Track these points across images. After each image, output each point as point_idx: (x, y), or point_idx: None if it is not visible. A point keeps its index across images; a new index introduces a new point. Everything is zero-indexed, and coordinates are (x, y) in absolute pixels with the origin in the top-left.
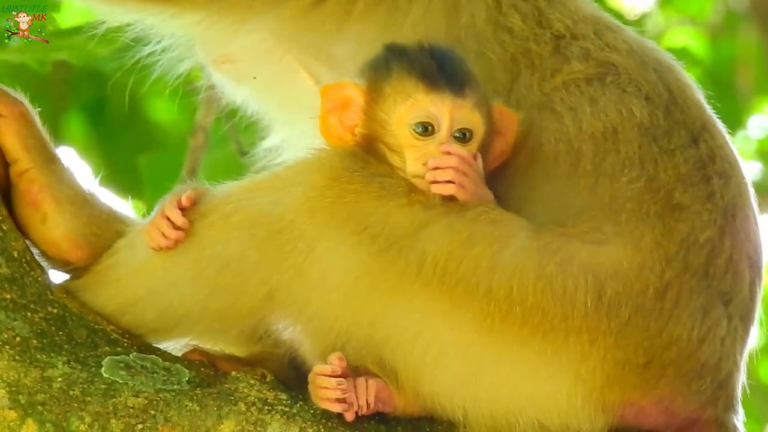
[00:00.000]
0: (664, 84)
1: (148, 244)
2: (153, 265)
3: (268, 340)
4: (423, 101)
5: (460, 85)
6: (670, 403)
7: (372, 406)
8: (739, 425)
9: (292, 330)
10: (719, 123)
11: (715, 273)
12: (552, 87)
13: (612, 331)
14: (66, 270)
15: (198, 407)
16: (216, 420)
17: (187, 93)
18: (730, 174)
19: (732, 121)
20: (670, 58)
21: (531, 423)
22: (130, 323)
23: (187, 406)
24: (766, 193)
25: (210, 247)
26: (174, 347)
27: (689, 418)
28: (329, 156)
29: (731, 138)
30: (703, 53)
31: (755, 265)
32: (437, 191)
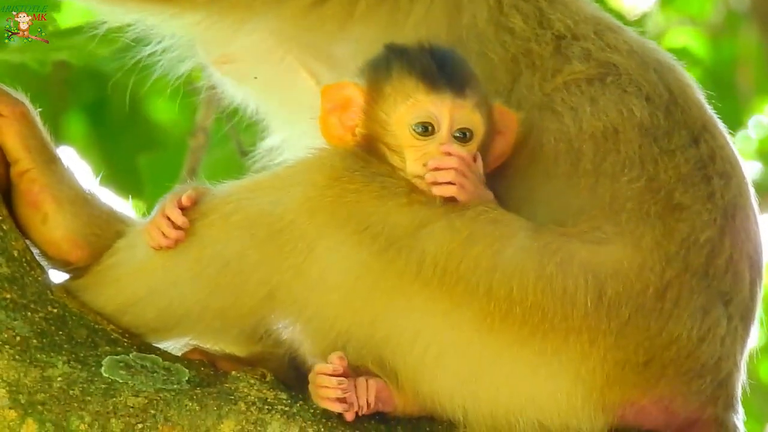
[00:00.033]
0: (664, 84)
1: (148, 243)
2: (153, 265)
3: (268, 339)
4: (423, 101)
5: (460, 85)
6: (670, 403)
7: (372, 406)
8: (740, 425)
9: (292, 330)
10: (720, 123)
11: (715, 273)
12: (553, 87)
13: (612, 331)
14: (66, 270)
15: (198, 407)
16: (216, 419)
17: (188, 93)
18: (730, 174)
19: (732, 121)
20: (670, 58)
21: (531, 423)
22: (130, 323)
23: (187, 405)
24: (766, 193)
25: (210, 247)
26: (174, 347)
27: (689, 417)
28: (330, 156)
29: (732, 138)
30: (704, 53)
31: (755, 265)
32: (438, 193)
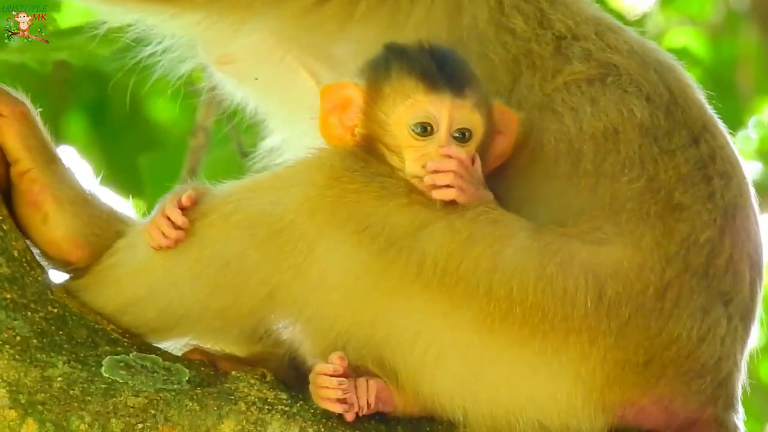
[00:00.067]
0: (665, 84)
1: (148, 243)
2: (153, 265)
3: (268, 339)
4: (422, 101)
5: (459, 85)
6: (670, 403)
7: (372, 406)
8: (740, 424)
9: (292, 330)
10: (720, 123)
11: (715, 273)
12: (553, 87)
13: (612, 331)
14: (66, 270)
15: (198, 407)
16: (216, 419)
17: (189, 93)
18: (731, 174)
19: (733, 121)
20: (670, 58)
21: (531, 423)
22: (130, 323)
23: (188, 405)
24: (766, 193)
25: (210, 247)
26: (174, 347)
27: (689, 417)
28: (329, 156)
29: (732, 138)
30: (704, 53)
31: (756, 265)
32: (438, 197)
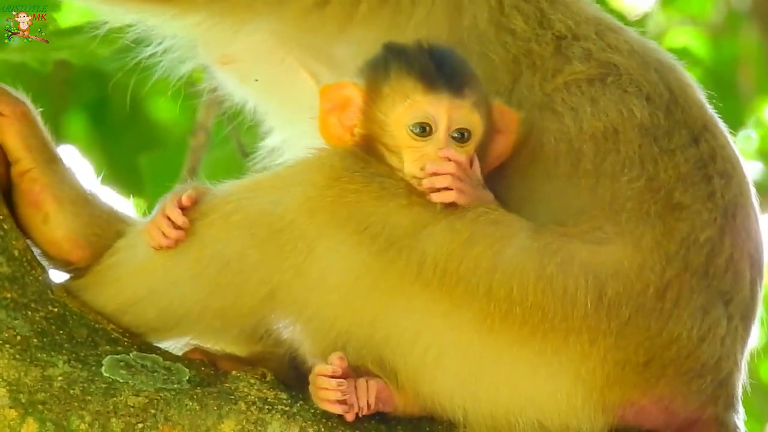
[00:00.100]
0: (665, 84)
1: (148, 243)
2: (153, 265)
3: (268, 339)
4: (421, 102)
5: (458, 85)
6: (670, 403)
7: (372, 406)
8: (740, 424)
9: (292, 329)
10: (720, 123)
11: (716, 272)
12: (553, 87)
13: (612, 331)
14: (67, 270)
15: (198, 406)
16: (216, 419)
17: (189, 94)
18: (731, 173)
19: (733, 121)
20: (671, 58)
21: (531, 423)
22: (130, 322)
23: (188, 405)
24: (767, 193)
25: (210, 247)
26: (174, 346)
27: (689, 417)
28: (329, 156)
29: (732, 138)
30: (704, 53)
31: (756, 265)
32: (438, 199)
